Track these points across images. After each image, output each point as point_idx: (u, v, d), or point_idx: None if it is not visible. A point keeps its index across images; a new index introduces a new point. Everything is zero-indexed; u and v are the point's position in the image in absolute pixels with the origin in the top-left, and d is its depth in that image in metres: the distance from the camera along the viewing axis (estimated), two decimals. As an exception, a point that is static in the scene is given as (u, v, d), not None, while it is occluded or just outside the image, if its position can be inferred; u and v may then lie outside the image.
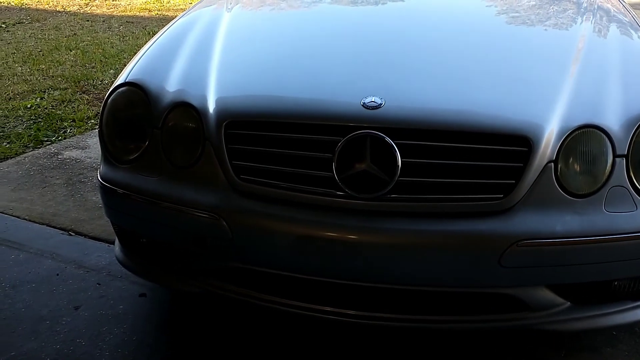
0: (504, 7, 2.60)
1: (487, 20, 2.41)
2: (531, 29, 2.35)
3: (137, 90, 2.01)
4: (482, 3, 2.67)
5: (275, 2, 2.79)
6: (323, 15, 2.58)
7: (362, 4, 2.67)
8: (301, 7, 2.72)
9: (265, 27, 2.45)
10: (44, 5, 9.79)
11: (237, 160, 1.79)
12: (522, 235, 1.64)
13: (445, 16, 2.46)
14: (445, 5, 2.63)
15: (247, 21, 2.49)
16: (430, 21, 2.40)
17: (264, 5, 2.72)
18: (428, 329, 1.84)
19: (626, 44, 2.22)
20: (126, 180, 1.94)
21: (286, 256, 1.76)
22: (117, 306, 2.26)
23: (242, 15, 2.52)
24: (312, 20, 2.52)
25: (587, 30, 2.23)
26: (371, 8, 2.62)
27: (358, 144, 1.69)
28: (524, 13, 2.54)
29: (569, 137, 1.72)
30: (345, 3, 2.68)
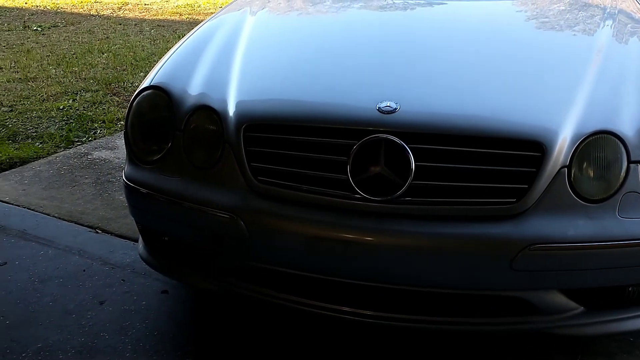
0: (521, 13, 2.62)
1: (504, 26, 2.43)
2: (549, 34, 2.36)
3: (161, 93, 2.08)
4: (499, 8, 2.68)
5: (298, 8, 2.84)
6: (342, 22, 2.63)
7: (380, 12, 2.70)
8: (321, 13, 2.77)
9: (286, 32, 2.51)
10: (78, 9, 10.02)
11: (255, 162, 1.84)
12: (534, 240, 1.66)
13: (461, 22, 2.48)
14: (460, 11, 2.65)
15: (269, 26, 2.54)
16: (445, 27, 2.42)
17: (286, 10, 2.78)
18: (442, 330, 1.87)
19: None
20: (149, 180, 2.00)
21: (301, 256, 1.80)
22: (140, 302, 2.33)
23: (265, 20, 2.58)
24: (331, 27, 2.57)
25: (606, 36, 2.24)
26: (388, 15, 2.66)
27: (373, 148, 1.73)
28: (542, 18, 2.55)
29: (583, 142, 1.73)
30: (365, 10, 2.72)
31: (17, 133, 4.23)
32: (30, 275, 2.53)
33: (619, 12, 2.51)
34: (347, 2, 2.80)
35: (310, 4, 2.85)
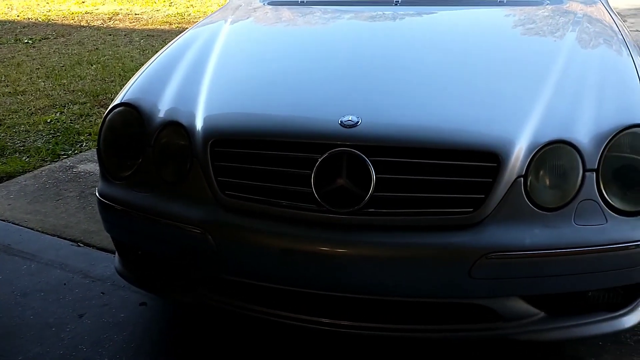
0: (486, 24, 2.66)
1: (468, 38, 2.47)
2: (512, 44, 2.40)
3: (132, 110, 2.12)
4: (465, 21, 2.73)
5: (270, 22, 2.89)
6: (311, 36, 2.68)
7: (349, 25, 2.76)
8: (292, 27, 2.82)
9: (257, 47, 2.56)
10: (69, 20, 10.07)
11: (222, 177, 1.88)
12: (490, 248, 1.71)
13: (428, 35, 2.53)
14: (429, 24, 2.71)
15: (241, 40, 2.60)
16: (412, 41, 2.47)
17: (259, 24, 2.83)
18: (404, 337, 1.91)
19: (607, 57, 2.26)
20: (121, 195, 2.05)
21: (268, 268, 1.85)
22: (118, 314, 2.37)
23: (237, 34, 2.64)
24: (301, 41, 2.62)
25: (569, 45, 2.29)
26: (357, 29, 2.71)
27: (335, 161, 1.78)
28: (507, 29, 2.60)
29: (539, 152, 1.77)
30: (334, 24, 2.78)
31: (5, 147, 4.27)
32: (13, 289, 2.57)
33: (586, 20, 2.56)
34: (318, 17, 2.86)
35: (282, 18, 2.90)
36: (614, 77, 2.08)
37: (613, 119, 1.86)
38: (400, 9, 2.76)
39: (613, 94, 1.98)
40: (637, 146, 1.83)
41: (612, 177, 1.79)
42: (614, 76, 2.09)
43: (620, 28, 2.52)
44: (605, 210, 1.76)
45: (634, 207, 1.78)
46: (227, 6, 3.13)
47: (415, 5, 2.85)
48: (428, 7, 2.84)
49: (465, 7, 2.82)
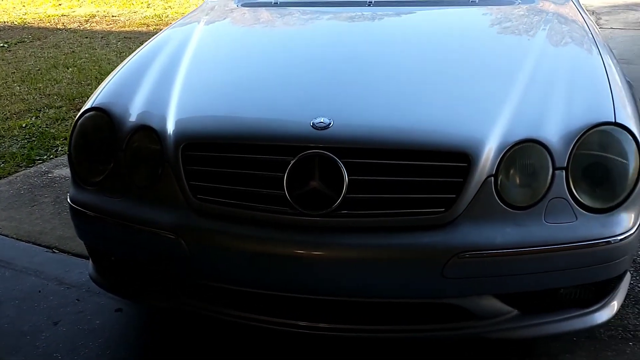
0: (458, 25, 2.67)
1: (440, 38, 2.48)
2: (484, 44, 2.41)
3: (103, 114, 2.11)
4: (437, 21, 2.75)
5: (244, 23, 2.88)
6: (285, 38, 2.67)
7: (324, 27, 2.76)
8: (266, 29, 2.82)
9: (230, 48, 2.55)
10: (45, 23, 9.96)
11: (194, 181, 1.87)
12: (462, 247, 1.72)
13: (400, 36, 2.54)
14: (401, 25, 2.71)
15: (214, 42, 2.58)
16: (384, 42, 2.47)
17: (233, 26, 2.82)
18: (379, 338, 1.91)
19: (577, 56, 2.28)
20: (93, 201, 2.03)
21: (241, 272, 1.84)
22: (94, 321, 2.35)
23: (210, 36, 2.63)
24: (274, 43, 2.61)
25: (539, 44, 2.30)
26: (331, 30, 2.71)
27: (307, 163, 1.78)
28: (478, 29, 2.61)
29: (509, 151, 1.79)
30: (308, 25, 2.77)
31: (-19, 152, 4.21)
32: (-13, 298, 2.54)
33: (556, 19, 2.58)
34: (291, 18, 2.86)
35: (255, 20, 2.90)
36: (583, 76, 2.11)
37: (582, 117, 1.87)
38: (373, 10, 2.76)
39: (582, 92, 2.00)
40: (605, 144, 1.85)
41: (581, 175, 1.81)
42: (583, 75, 2.11)
43: (591, 27, 2.55)
44: (575, 208, 1.78)
45: (603, 205, 1.79)
46: (200, 8, 3.12)
47: (388, 5, 2.85)
48: (401, 7, 2.85)
49: (437, 7, 2.83)
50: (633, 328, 2.27)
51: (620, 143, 1.84)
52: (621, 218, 1.80)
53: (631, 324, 2.29)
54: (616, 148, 1.84)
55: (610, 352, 2.15)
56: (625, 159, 1.83)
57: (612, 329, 2.26)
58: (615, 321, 2.30)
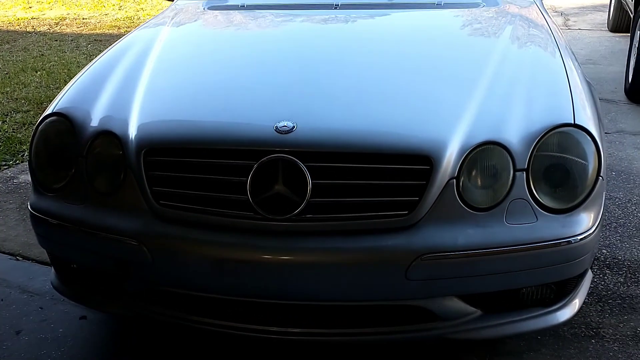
0: (423, 27, 2.69)
1: (404, 41, 2.49)
2: (447, 47, 2.42)
3: (64, 119, 2.08)
4: (402, 24, 2.76)
5: (210, 25, 2.86)
6: (251, 41, 2.66)
7: (290, 29, 2.75)
8: (232, 31, 2.80)
9: (195, 51, 2.53)
10: (14, 26, 9.80)
11: (156, 187, 1.85)
12: (425, 250, 1.72)
13: (365, 39, 2.54)
14: (366, 28, 2.71)
15: (179, 45, 2.56)
16: (349, 45, 2.47)
17: (199, 28, 2.80)
18: (344, 342, 1.91)
19: (539, 58, 2.30)
20: (53, 208, 2.00)
21: (205, 278, 1.82)
22: (57, 329, 2.32)
23: (176, 39, 2.60)
24: (238, 47, 2.59)
25: (502, 46, 2.33)
26: (298, 33, 2.70)
27: (271, 168, 1.77)
28: (442, 32, 2.62)
29: (471, 154, 1.80)
30: (276, 28, 2.77)
31: (-54, 159, 4.13)
32: (-52, 309, 2.49)
33: (519, 21, 2.61)
34: (257, 22, 2.85)
35: (221, 23, 2.88)
36: (545, 78, 2.13)
37: (542, 119, 1.89)
38: (339, 13, 2.76)
39: (543, 94, 2.02)
40: (565, 145, 1.87)
41: (541, 176, 1.83)
42: (545, 77, 2.13)
43: (553, 29, 2.57)
44: (535, 209, 1.79)
45: (563, 205, 1.82)
46: (167, 11, 3.09)
47: (354, 8, 2.85)
48: (366, 10, 2.86)
49: (402, 10, 2.84)
50: (596, 326, 2.30)
51: (580, 144, 1.86)
52: (581, 218, 1.82)
53: (594, 321, 2.32)
54: (575, 149, 1.86)
55: (573, 349, 2.18)
56: (584, 160, 1.85)
57: (576, 326, 2.29)
58: (578, 319, 2.33)
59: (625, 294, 2.49)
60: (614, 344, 2.20)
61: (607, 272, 2.64)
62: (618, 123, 4.45)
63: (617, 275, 2.62)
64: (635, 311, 2.38)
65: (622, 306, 2.41)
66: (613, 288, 2.53)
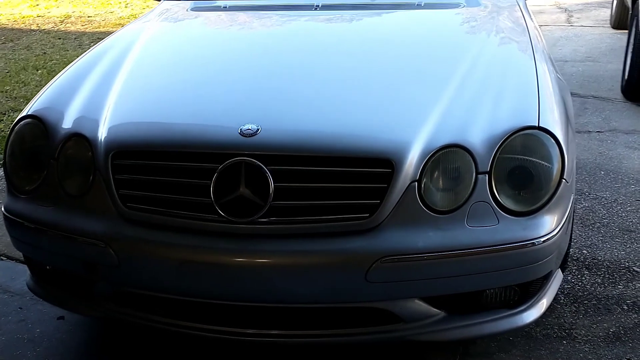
0: (400, 29, 2.68)
1: (379, 43, 2.49)
2: (422, 49, 2.42)
3: (37, 122, 2.11)
4: (380, 25, 2.76)
5: (189, 27, 2.87)
6: (224, 44, 2.67)
7: (266, 32, 2.76)
8: (208, 34, 2.81)
9: (170, 54, 2.55)
10: (20, 24, 9.88)
11: (124, 189, 1.88)
12: (385, 252, 1.73)
13: (339, 41, 2.54)
14: (343, 30, 2.71)
15: (156, 49, 2.58)
16: (323, 47, 2.48)
17: (177, 32, 2.82)
18: (307, 343, 1.93)
19: (511, 61, 2.28)
20: (25, 210, 2.03)
21: (169, 280, 1.85)
22: (34, 329, 2.35)
23: (154, 42, 2.62)
24: (213, 48, 2.61)
25: (476, 48, 2.32)
26: (273, 36, 2.70)
27: (234, 170, 1.78)
28: (419, 33, 2.61)
29: (433, 157, 1.80)
30: (251, 30, 2.77)
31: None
32: None
33: (498, 23, 2.60)
34: (236, 23, 2.86)
35: (201, 25, 2.89)
36: (514, 80, 2.13)
37: (507, 121, 1.90)
38: (318, 14, 2.77)
39: (511, 97, 2.02)
40: (528, 148, 1.87)
41: (504, 178, 1.83)
42: (515, 80, 2.13)
43: (531, 31, 2.56)
44: (497, 211, 1.80)
45: (525, 208, 1.82)
46: (152, 11, 3.11)
47: (334, 9, 2.86)
48: (346, 11, 2.86)
49: (382, 11, 2.84)
50: (568, 327, 2.30)
51: (543, 147, 1.87)
52: (543, 220, 1.82)
53: (567, 322, 2.32)
54: (538, 152, 1.86)
55: (544, 350, 2.18)
56: (547, 163, 1.85)
57: (549, 327, 2.29)
58: (551, 320, 2.34)
59: (601, 295, 2.48)
60: (585, 345, 2.20)
61: (586, 273, 2.64)
62: (611, 121, 4.42)
63: (595, 276, 2.61)
64: (610, 312, 2.38)
65: (597, 307, 2.41)
66: (590, 289, 2.53)
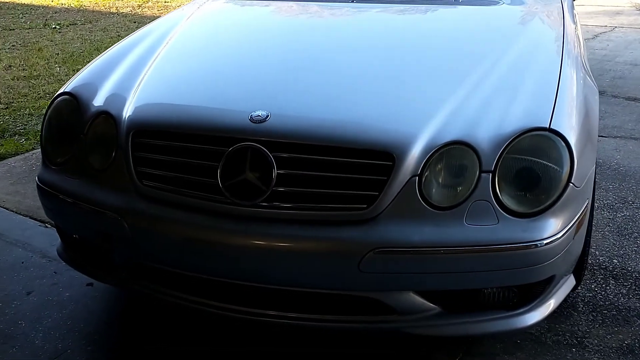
0: (431, 24, 2.67)
1: (404, 39, 2.49)
2: (448, 45, 2.40)
3: (72, 99, 2.24)
4: (411, 20, 2.75)
5: (222, 16, 2.96)
6: (252, 33, 2.73)
7: (296, 22, 2.81)
8: (240, 22, 2.90)
9: (201, 42, 2.64)
10: (100, 6, 10.35)
11: (141, 167, 1.98)
12: (379, 244, 1.76)
13: (366, 33, 2.57)
14: (372, 22, 2.72)
15: (190, 35, 2.67)
16: (347, 38, 2.51)
17: (211, 19, 2.91)
18: (302, 326, 1.97)
19: (536, 62, 2.22)
20: (55, 181, 2.17)
21: (176, 255, 1.94)
22: (64, 293, 2.51)
23: (190, 29, 2.72)
24: (240, 37, 2.68)
25: (502, 47, 2.29)
26: (301, 26, 2.76)
27: (241, 155, 1.85)
28: (449, 30, 2.59)
29: (437, 152, 1.81)
30: (281, 19, 2.83)
31: (6, 130, 4.47)
32: (-27, 267, 2.72)
33: (533, 22, 2.55)
34: (268, 12, 2.93)
35: (235, 13, 2.98)
36: (534, 82, 2.09)
37: (516, 121, 1.88)
38: (353, 6, 2.79)
39: (526, 97, 1.99)
40: (536, 149, 1.84)
41: (509, 178, 1.82)
42: (534, 81, 2.09)
43: (569, 34, 2.49)
44: (497, 211, 1.79)
45: (527, 209, 1.80)
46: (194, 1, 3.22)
47: (370, 2, 2.87)
48: (382, 4, 2.87)
49: (419, 5, 2.84)
50: (581, 335, 2.25)
51: (551, 149, 1.84)
52: (546, 223, 1.79)
53: (581, 330, 2.27)
54: (546, 153, 1.84)
55: (550, 356, 2.15)
56: (555, 165, 1.83)
57: (560, 334, 2.25)
58: (565, 326, 2.29)
59: (623, 306, 2.41)
60: (595, 355, 2.15)
61: (612, 282, 2.56)
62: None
63: (621, 286, 2.54)
64: (629, 324, 2.31)
65: (616, 318, 2.35)
66: (612, 299, 2.46)
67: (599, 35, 7.40)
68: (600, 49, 6.72)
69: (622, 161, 3.79)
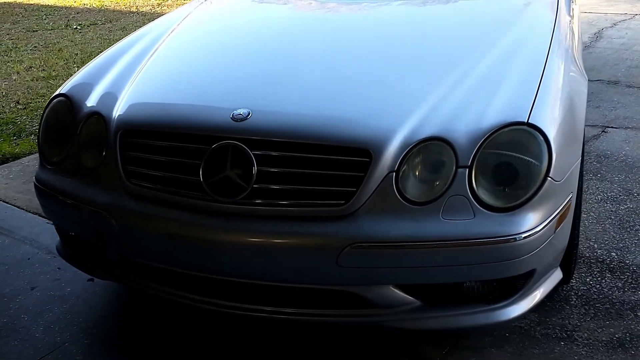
0: (423, 20, 2.67)
1: (393, 35, 2.50)
2: (433, 42, 2.41)
3: (67, 100, 2.31)
4: (408, 15, 2.75)
5: (219, 14, 3.00)
6: (244, 31, 2.76)
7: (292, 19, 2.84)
8: (234, 20, 2.93)
9: (195, 41, 2.69)
10: (121, 6, 10.49)
11: (129, 165, 2.04)
12: (356, 238, 1.79)
13: (358, 30, 2.59)
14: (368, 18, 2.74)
15: (186, 33, 2.73)
16: (337, 39, 2.53)
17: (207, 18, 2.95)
18: (282, 320, 2.01)
19: (522, 57, 2.21)
20: (51, 180, 2.24)
21: (161, 251, 1.99)
22: (66, 288, 2.59)
23: (186, 28, 2.77)
24: (232, 36, 2.72)
25: (488, 43, 2.29)
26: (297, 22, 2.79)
27: (223, 153, 1.89)
28: (443, 24, 2.59)
29: (414, 149, 1.83)
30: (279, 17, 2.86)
31: (23, 129, 4.59)
32: (-18, 263, 2.82)
33: (523, 15, 2.54)
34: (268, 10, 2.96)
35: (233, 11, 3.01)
36: (518, 74, 2.09)
37: (496, 116, 1.88)
38: (341, 2, 2.81)
39: (508, 90, 2.00)
40: (514, 144, 1.85)
41: (487, 173, 1.83)
42: (518, 73, 2.09)
43: (561, 26, 2.47)
44: (474, 206, 1.80)
45: (505, 204, 1.81)
46: (194, 0, 3.28)
47: None
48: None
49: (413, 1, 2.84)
50: (571, 328, 2.25)
51: (529, 143, 1.84)
52: (523, 218, 1.80)
53: (571, 324, 2.27)
54: (524, 148, 1.84)
55: (538, 349, 2.15)
56: (532, 159, 1.83)
57: (550, 327, 2.26)
58: (556, 320, 2.30)
59: (617, 300, 2.40)
60: (583, 349, 2.15)
61: (608, 276, 2.55)
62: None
63: (617, 280, 2.52)
64: (621, 318, 2.30)
65: (608, 311, 2.34)
66: (607, 292, 2.45)
67: (617, 23, 7.27)
68: (618, 37, 6.60)
69: (630, 153, 3.74)
